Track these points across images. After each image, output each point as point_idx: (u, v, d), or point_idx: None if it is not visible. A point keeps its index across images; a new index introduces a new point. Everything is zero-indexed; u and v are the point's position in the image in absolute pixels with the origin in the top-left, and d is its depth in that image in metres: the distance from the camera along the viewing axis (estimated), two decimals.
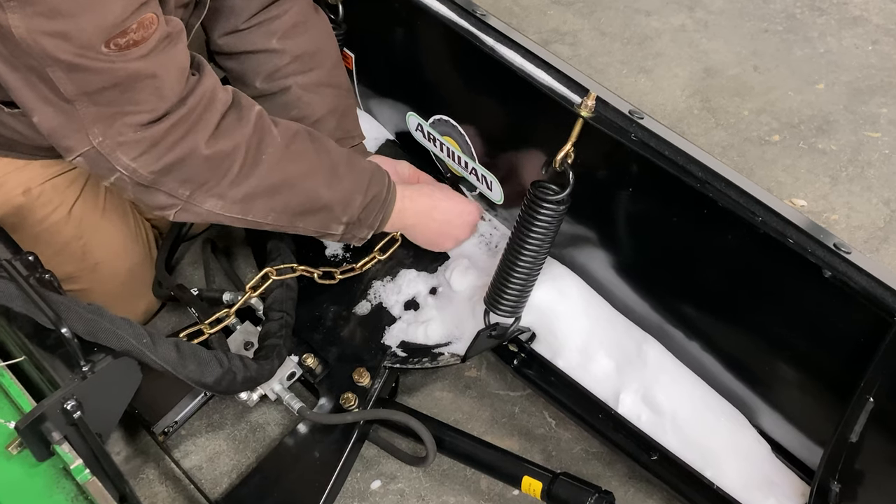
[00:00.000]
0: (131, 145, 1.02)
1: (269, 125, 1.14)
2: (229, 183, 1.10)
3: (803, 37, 2.21)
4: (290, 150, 1.16)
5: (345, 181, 1.21)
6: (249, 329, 1.36)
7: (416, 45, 1.43)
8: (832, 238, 0.96)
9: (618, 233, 1.22)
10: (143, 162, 1.04)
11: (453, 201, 1.40)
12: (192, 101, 1.05)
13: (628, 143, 1.08)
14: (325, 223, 1.22)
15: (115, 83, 0.98)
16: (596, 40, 2.23)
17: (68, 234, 1.35)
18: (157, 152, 1.04)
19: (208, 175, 1.09)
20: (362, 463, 1.37)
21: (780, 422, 1.15)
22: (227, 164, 1.09)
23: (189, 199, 1.10)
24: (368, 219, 1.25)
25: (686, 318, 1.19)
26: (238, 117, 1.11)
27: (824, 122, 1.99)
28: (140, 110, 1.01)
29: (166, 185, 1.07)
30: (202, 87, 1.06)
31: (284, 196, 1.15)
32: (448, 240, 1.42)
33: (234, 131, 1.09)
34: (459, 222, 1.41)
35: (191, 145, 1.05)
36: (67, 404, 0.95)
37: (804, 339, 1.05)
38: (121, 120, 1.00)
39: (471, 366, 1.50)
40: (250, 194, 1.12)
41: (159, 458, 1.37)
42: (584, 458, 1.37)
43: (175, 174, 1.06)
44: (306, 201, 1.18)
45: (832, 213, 1.80)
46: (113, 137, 1.01)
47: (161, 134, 1.03)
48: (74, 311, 1.01)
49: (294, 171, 1.16)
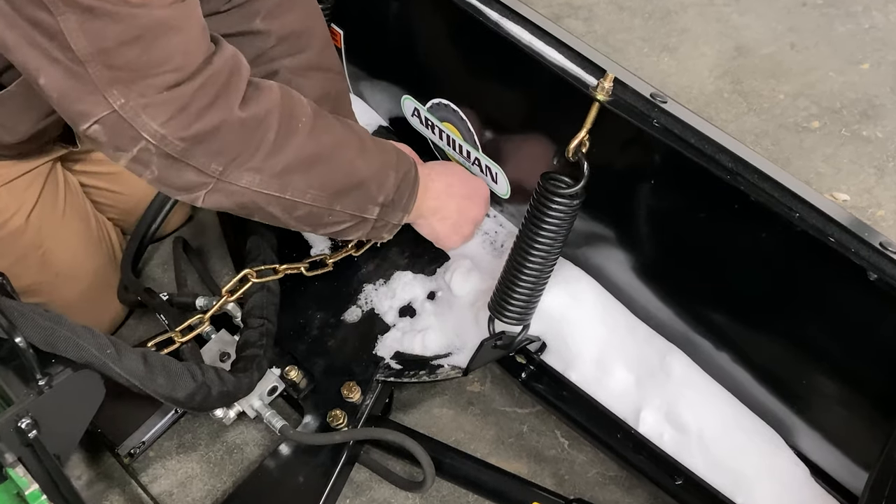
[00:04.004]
0: (159, 107, 0.99)
1: (294, 93, 1.15)
2: (265, 154, 1.09)
3: (846, 11, 2.21)
4: (320, 120, 1.16)
5: (375, 156, 1.22)
6: (226, 338, 1.36)
7: (412, 19, 1.43)
8: (878, 236, 0.96)
9: (638, 230, 1.22)
10: (173, 127, 1.01)
11: (466, 176, 1.40)
12: (219, 62, 1.03)
13: (650, 130, 1.08)
14: (363, 203, 1.21)
15: (137, 35, 0.95)
16: (613, 15, 2.23)
17: (26, 242, 1.35)
18: (187, 117, 1.01)
19: (243, 145, 1.07)
20: (352, 488, 1.37)
21: (819, 442, 1.15)
22: (262, 131, 1.08)
23: (222, 175, 1.07)
24: (402, 199, 1.26)
25: (714, 327, 1.19)
26: (258, 86, 1.10)
27: (869, 107, 1.99)
28: (165, 70, 0.98)
29: (197, 157, 1.05)
30: (226, 50, 1.06)
31: (323, 169, 1.16)
32: (467, 222, 1.41)
33: (263, 97, 1.09)
34: (477, 197, 1.40)
35: (223, 110, 1.03)
36: (22, 422, 0.95)
37: (846, 350, 1.05)
38: (144, 80, 0.97)
39: (473, 379, 1.51)
40: (288, 167, 1.12)
41: (125, 482, 1.38)
42: (600, 483, 1.38)
43: (207, 144, 1.04)
44: (344, 176, 1.18)
45: (878, 209, 1.80)
46: (136, 99, 0.98)
47: (190, 95, 1.00)
48: (30, 318, 1.01)
49: (329, 141, 1.16)
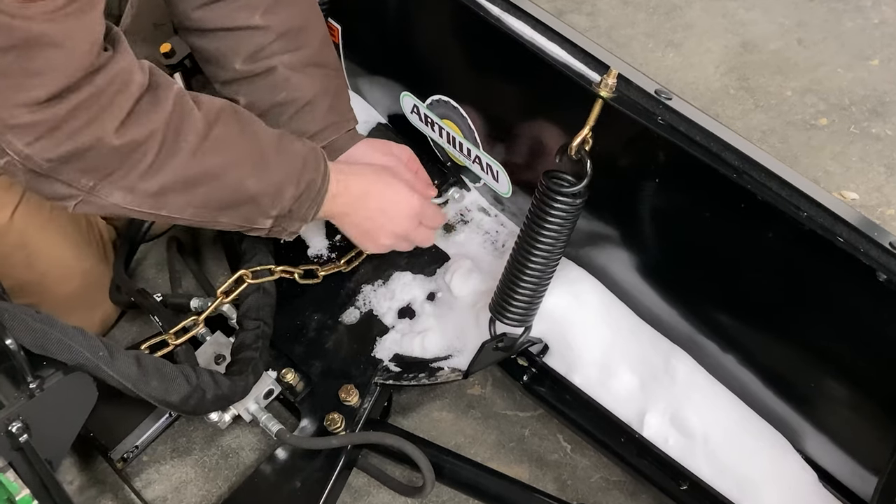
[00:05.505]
0: (25, 129, 0.97)
1: (190, 108, 1.11)
2: (140, 175, 1.06)
3: (855, 6, 2.21)
4: (213, 135, 1.13)
5: (275, 170, 1.19)
6: (221, 340, 1.36)
7: (411, 14, 1.43)
8: (888, 236, 0.95)
9: (642, 230, 1.22)
10: (38, 148, 0.99)
11: (391, 190, 1.35)
12: (102, 81, 1.00)
13: (654, 128, 1.08)
14: (252, 217, 1.20)
15: (12, 45, 0.92)
16: (617, 10, 2.23)
17: (11, 242, 1.34)
18: (56, 138, 0.99)
19: (116, 165, 1.05)
20: (350, 493, 1.37)
21: (827, 446, 1.16)
22: (139, 153, 1.05)
23: (92, 190, 1.06)
24: (301, 210, 1.23)
25: (720, 328, 1.19)
26: (154, 100, 1.07)
27: (879, 104, 1.99)
28: (36, 84, 0.95)
29: (65, 174, 1.03)
30: (116, 66, 1.02)
31: (205, 189, 1.13)
32: (381, 233, 1.36)
33: (149, 116, 1.05)
34: (396, 213, 1.36)
35: (97, 133, 1.01)
36: (13, 426, 0.95)
37: (855, 352, 1.05)
38: (13, 95, 0.95)
39: (474, 382, 1.51)
40: (165, 187, 1.09)
41: (118, 487, 1.38)
42: (603, 488, 1.38)
43: (76, 163, 1.02)
44: (230, 194, 1.16)
45: (888, 208, 1.80)
46: (4, 119, 0.96)
47: (62, 116, 0.98)
48: (21, 319, 1.01)
49: (217, 161, 1.13)
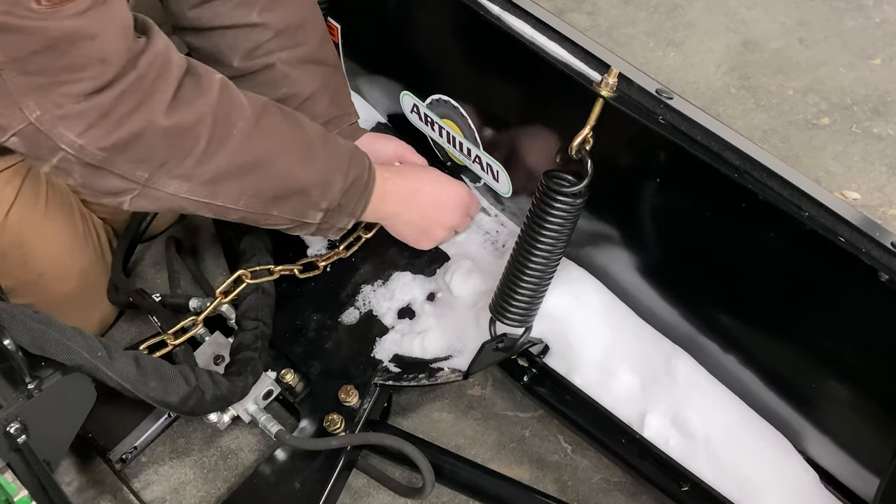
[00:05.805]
0: (75, 118, 0.99)
1: (236, 94, 1.13)
2: (195, 161, 1.08)
3: (856, 5, 2.21)
4: (262, 124, 1.15)
5: (323, 162, 1.20)
6: (220, 340, 1.36)
7: (411, 13, 1.43)
8: (890, 236, 0.95)
9: (643, 230, 1.22)
10: (91, 137, 1.01)
11: (439, 182, 1.39)
12: (144, 65, 1.02)
13: (655, 127, 1.08)
14: (302, 210, 1.21)
15: (48, 45, 0.95)
16: (618, 8, 2.23)
17: (6, 242, 1.34)
18: (107, 125, 1.01)
19: (170, 152, 1.07)
20: (349, 495, 1.37)
21: (829, 447, 1.16)
22: (191, 138, 1.07)
23: (148, 181, 1.07)
24: (349, 205, 1.25)
25: (721, 329, 1.20)
26: (197, 84, 1.09)
27: (881, 103, 1.99)
28: (81, 77, 0.98)
29: (120, 165, 1.05)
30: (153, 49, 1.04)
31: (257, 176, 1.15)
32: (437, 227, 1.41)
33: (195, 100, 1.07)
34: (448, 205, 1.40)
35: (147, 116, 1.03)
36: (11, 427, 0.95)
37: (857, 353, 1.05)
38: (58, 89, 0.98)
39: (474, 383, 1.51)
40: (220, 174, 1.11)
41: (116, 488, 1.38)
42: (604, 489, 1.38)
43: (130, 152, 1.04)
44: (282, 183, 1.17)
45: (889, 208, 1.80)
46: (51, 110, 0.98)
47: (110, 103, 1.00)
48: (19, 319, 1.01)
49: (268, 147, 1.15)
